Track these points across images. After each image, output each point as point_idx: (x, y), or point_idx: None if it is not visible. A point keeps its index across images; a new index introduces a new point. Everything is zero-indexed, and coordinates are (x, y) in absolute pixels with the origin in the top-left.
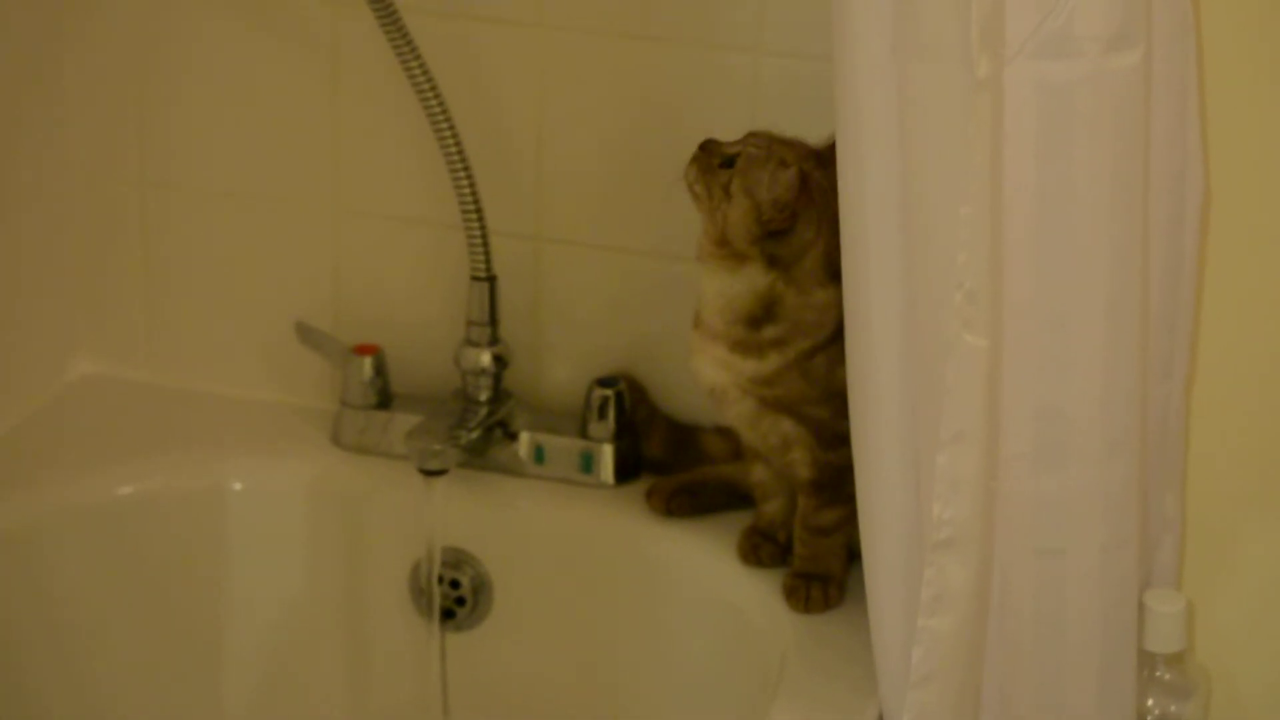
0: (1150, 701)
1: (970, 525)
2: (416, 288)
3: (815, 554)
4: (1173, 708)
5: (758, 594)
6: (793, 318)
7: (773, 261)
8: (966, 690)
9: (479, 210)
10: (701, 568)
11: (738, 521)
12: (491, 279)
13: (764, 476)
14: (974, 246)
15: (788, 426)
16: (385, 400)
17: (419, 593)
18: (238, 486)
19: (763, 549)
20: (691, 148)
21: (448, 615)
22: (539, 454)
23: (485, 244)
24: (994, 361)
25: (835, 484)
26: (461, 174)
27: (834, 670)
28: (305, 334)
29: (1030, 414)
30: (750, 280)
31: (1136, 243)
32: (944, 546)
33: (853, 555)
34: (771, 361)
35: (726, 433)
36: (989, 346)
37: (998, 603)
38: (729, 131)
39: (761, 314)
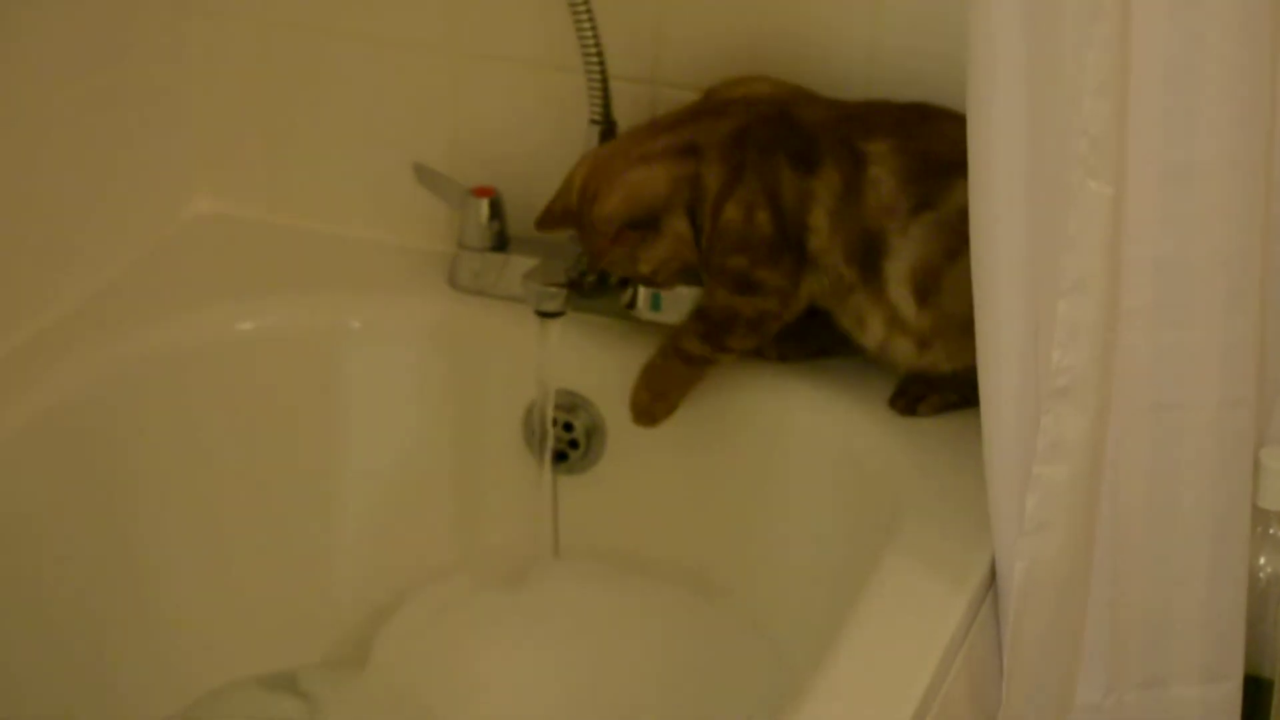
0: (1263, 559)
1: (1088, 374)
2: (534, 131)
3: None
4: None
5: (872, 440)
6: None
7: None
8: (1079, 539)
9: (600, 54)
10: (814, 412)
11: (849, 365)
12: (611, 124)
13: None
14: (1100, 93)
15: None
16: (502, 242)
17: (532, 434)
18: (356, 325)
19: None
20: None
21: (560, 458)
22: (655, 300)
23: (605, 88)
24: (1117, 210)
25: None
26: (584, 16)
27: (947, 517)
28: (423, 175)
29: (1150, 267)
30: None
31: (1265, 96)
32: (1061, 394)
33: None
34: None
35: None
36: (1113, 195)
37: (1113, 455)
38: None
39: None
